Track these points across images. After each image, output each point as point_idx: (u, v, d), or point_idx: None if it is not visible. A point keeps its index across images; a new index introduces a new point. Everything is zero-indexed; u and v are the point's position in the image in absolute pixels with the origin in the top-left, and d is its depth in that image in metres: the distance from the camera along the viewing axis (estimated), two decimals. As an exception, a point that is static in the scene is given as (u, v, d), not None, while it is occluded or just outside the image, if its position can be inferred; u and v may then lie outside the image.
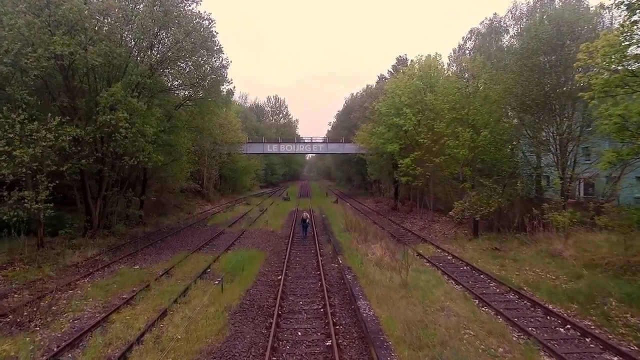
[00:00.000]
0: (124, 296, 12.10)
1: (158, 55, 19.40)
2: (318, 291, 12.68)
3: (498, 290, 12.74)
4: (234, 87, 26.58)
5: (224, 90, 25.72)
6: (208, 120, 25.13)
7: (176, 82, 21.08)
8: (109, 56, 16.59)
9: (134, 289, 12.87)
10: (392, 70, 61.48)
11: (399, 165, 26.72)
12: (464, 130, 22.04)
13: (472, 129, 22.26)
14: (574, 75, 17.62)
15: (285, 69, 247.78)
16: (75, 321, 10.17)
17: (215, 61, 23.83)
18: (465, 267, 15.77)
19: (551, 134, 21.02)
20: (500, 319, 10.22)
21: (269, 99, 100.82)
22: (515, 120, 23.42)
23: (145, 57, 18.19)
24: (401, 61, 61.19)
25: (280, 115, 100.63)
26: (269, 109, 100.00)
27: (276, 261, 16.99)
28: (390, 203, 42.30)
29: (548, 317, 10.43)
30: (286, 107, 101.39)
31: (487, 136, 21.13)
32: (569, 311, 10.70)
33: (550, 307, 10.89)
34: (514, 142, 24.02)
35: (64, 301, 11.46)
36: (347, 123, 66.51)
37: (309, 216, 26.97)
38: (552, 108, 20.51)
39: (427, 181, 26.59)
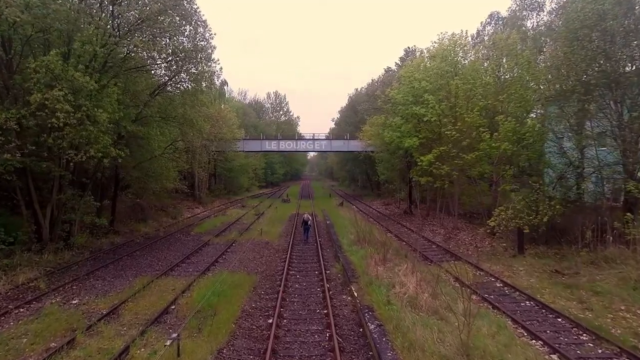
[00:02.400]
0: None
1: (114, 21, 15.10)
2: (327, 350, 8.39)
3: (601, 352, 8.38)
4: (221, 68, 22.25)
5: (210, 69, 21.32)
6: (190, 109, 20.80)
7: (143, 54, 16.71)
8: (45, 16, 12.30)
9: (52, 345, 8.59)
10: (399, 62, 57.27)
11: (419, 163, 22.34)
12: (505, 120, 17.66)
13: (513, 118, 17.90)
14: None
15: (286, 69, 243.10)
16: None
17: (197, 36, 19.51)
18: (529, 303, 11.40)
19: (612, 125, 16.66)
20: None
21: (268, 95, 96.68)
22: (550, 110, 19.05)
23: (101, 20, 13.94)
24: (409, 53, 56.96)
25: (281, 112, 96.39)
26: (269, 105, 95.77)
27: (268, 290, 12.68)
28: (402, 206, 37.92)
29: None
30: (287, 103, 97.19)
31: (535, 126, 16.77)
32: None
33: None
34: (559, 136, 19.61)
35: None
36: (351, 119, 62.20)
37: (310, 218, 22.93)
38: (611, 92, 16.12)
39: (453, 182, 22.25)
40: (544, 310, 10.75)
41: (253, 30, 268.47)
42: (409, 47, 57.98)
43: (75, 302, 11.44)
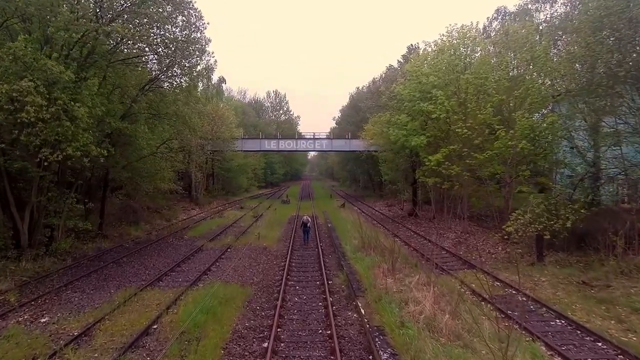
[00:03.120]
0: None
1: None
2: (331, 385, 7.04)
3: (660, 388, 7.03)
4: (216, 61, 20.70)
5: (204, 64, 20.01)
6: (184, 105, 19.43)
7: (130, 44, 15.31)
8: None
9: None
10: (401, 60, 55.99)
11: (426, 163, 20.98)
12: (522, 117, 16.30)
13: (529, 114, 16.55)
14: None
15: (284, 67, 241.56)
16: None
17: (191, 27, 18.16)
18: (560, 323, 10.03)
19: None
20: None
21: (268, 93, 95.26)
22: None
23: (79, 5, 12.58)
24: (412, 50, 55.69)
25: (281, 112, 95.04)
26: (269, 104, 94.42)
27: (264, 305, 11.32)
28: (405, 208, 36.55)
29: None
30: (287, 102, 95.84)
31: (555, 122, 15.41)
32: None
33: None
34: (578, 134, 18.23)
35: None
36: (353, 118, 60.86)
37: (310, 220, 21.83)
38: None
39: (462, 183, 20.91)
40: (579, 332, 9.39)
41: (249, 24, 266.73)
42: (412, 45, 56.74)
43: (44, 320, 10.09)
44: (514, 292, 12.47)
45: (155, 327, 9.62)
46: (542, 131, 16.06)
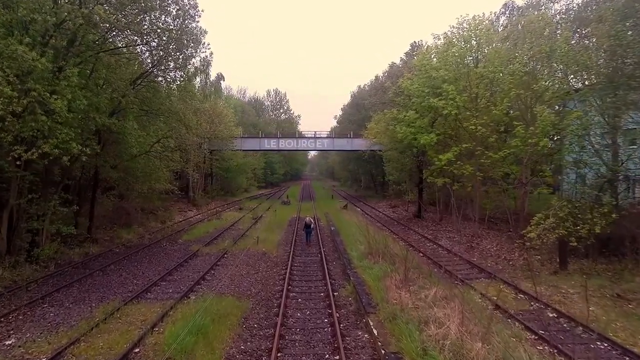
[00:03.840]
0: None
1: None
2: None
3: None
4: (211, 53, 19.41)
5: (199, 57, 18.77)
6: (178, 101, 18.16)
7: (117, 31, 13.99)
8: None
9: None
10: (404, 57, 54.77)
11: (436, 162, 19.68)
12: (543, 112, 15.02)
13: (552, 110, 15.27)
14: None
15: (284, 65, 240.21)
16: None
17: (186, 15, 16.88)
18: (602, 346, 8.73)
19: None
20: None
21: (268, 92, 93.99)
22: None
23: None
24: (416, 47, 54.44)
25: (281, 111, 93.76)
26: (269, 103, 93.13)
27: (262, 322, 10.04)
28: (410, 209, 35.29)
29: None
30: (287, 101, 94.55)
31: (581, 117, 14.13)
32: None
33: None
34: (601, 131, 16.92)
35: None
36: (355, 116, 59.65)
37: (313, 222, 20.96)
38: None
39: (475, 184, 19.65)
40: (627, 359, 8.11)
41: (247, 21, 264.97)
42: (415, 42, 55.57)
43: (10, 342, 8.80)
44: (541, 306, 11.19)
45: (137, 350, 8.34)
46: (564, 128, 14.78)
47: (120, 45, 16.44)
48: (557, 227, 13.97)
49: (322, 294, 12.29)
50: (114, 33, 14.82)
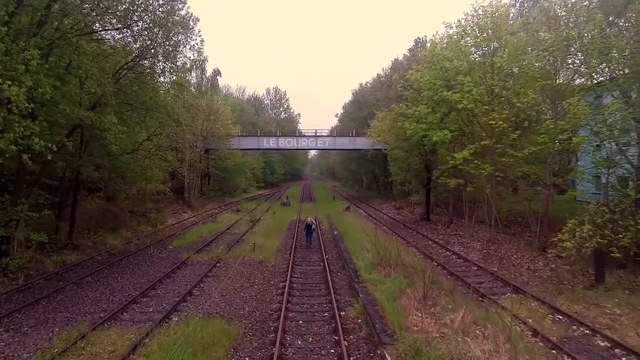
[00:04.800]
0: None
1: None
2: None
3: None
4: (202, 40, 17.41)
5: (189, 46, 17.07)
6: (166, 94, 16.43)
7: (87, 7, 12.16)
8: None
9: None
10: (408, 54, 53.12)
11: (450, 161, 17.94)
12: (575, 104, 13.28)
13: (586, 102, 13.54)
14: None
15: (280, 60, 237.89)
16: None
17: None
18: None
19: None
20: None
21: (268, 90, 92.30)
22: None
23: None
24: (420, 44, 52.79)
25: (281, 109, 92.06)
26: (269, 102, 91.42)
27: (255, 354, 8.29)
28: (416, 211, 33.55)
29: None
30: (287, 100, 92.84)
31: (624, 110, 12.41)
32: None
33: None
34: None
35: None
36: (357, 114, 57.95)
37: (314, 222, 19.93)
38: None
39: (493, 185, 17.94)
40: None
41: (243, 15, 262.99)
42: (419, 38, 53.94)
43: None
44: (587, 331, 9.45)
45: (95, 398, 6.60)
46: (602, 122, 13.06)
47: (96, 27, 14.64)
48: (594, 235, 12.23)
49: (326, 314, 10.55)
50: (94, 16, 13.03)
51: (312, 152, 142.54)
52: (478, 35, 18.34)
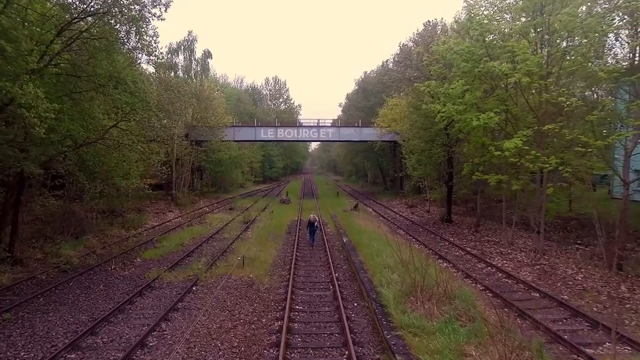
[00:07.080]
0: None
1: None
2: None
3: None
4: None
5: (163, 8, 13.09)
6: (125, 63, 12.43)
7: None
8: None
9: None
10: (417, 38, 48.85)
11: (494, 152, 13.92)
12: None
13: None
14: None
15: (284, 58, 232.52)
16: None
17: None
18: None
19: None
20: None
21: (267, 80, 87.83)
22: None
23: None
24: (430, 27, 48.48)
25: (281, 100, 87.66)
26: (267, 92, 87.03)
27: None
28: (432, 210, 29.66)
29: None
30: (287, 90, 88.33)
31: None
32: None
33: None
34: None
35: None
36: (362, 103, 53.86)
37: (317, 218, 17.84)
38: None
39: (545, 182, 14.00)
40: None
41: (244, 6, 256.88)
42: (429, 21, 49.58)
43: None
44: None
45: None
46: None
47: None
48: None
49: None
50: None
51: (313, 146, 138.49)
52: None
